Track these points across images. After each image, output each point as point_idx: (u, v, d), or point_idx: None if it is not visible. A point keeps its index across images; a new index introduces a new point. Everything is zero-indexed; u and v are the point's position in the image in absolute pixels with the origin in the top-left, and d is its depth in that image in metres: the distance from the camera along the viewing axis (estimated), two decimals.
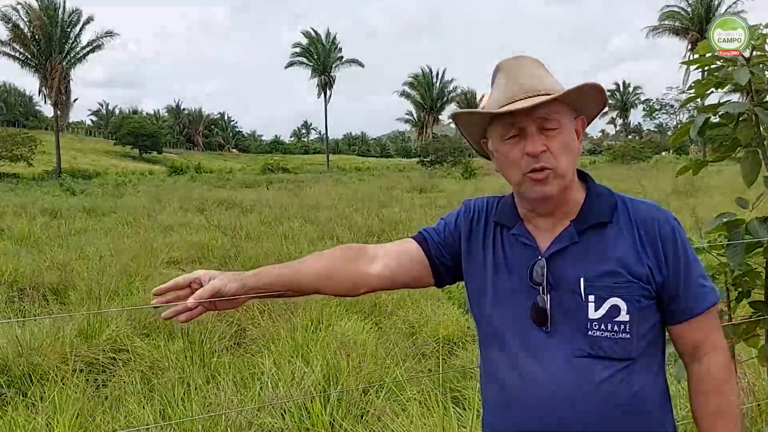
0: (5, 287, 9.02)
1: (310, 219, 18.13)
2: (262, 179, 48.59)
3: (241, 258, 11.19)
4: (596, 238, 1.66)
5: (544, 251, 1.68)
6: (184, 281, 1.72)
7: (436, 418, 3.99)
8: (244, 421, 4.48)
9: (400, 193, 29.11)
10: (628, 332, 1.59)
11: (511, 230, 1.76)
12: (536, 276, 1.66)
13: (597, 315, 1.60)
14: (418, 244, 1.89)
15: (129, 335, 6.53)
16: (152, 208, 22.84)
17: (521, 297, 1.68)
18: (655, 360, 1.67)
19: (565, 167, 1.64)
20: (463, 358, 5.92)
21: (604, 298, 1.60)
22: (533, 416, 1.61)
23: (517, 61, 1.72)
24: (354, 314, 7.22)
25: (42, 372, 5.55)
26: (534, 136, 1.62)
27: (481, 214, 1.87)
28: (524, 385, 1.63)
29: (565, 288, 1.63)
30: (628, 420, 1.59)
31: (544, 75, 1.69)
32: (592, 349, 1.59)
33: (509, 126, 1.65)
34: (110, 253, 11.93)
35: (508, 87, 1.67)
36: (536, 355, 1.63)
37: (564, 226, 1.69)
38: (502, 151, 1.69)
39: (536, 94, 1.62)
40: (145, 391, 5.22)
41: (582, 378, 1.58)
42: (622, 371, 1.59)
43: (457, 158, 63.47)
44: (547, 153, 1.61)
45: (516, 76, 1.67)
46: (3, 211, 21.04)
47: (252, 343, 6.58)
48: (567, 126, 1.66)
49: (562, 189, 1.65)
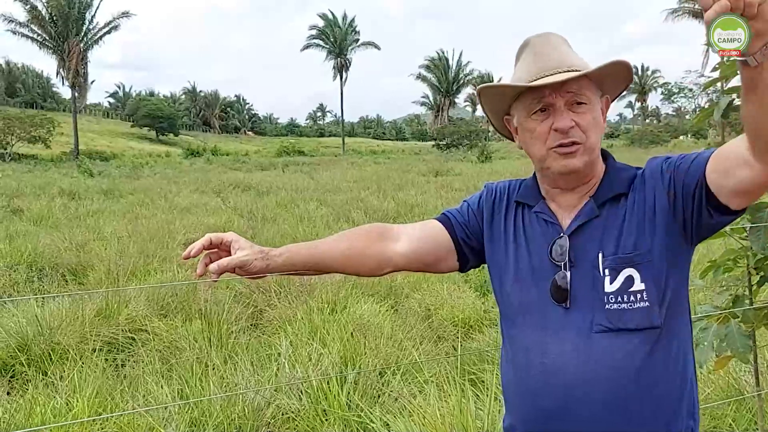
0: (25, 267, 9.09)
1: (326, 202, 18.16)
2: (277, 162, 48.73)
3: (258, 240, 11.19)
4: (613, 210, 1.65)
5: (566, 229, 1.67)
6: (216, 239, 1.76)
7: (454, 400, 3.98)
8: (261, 401, 4.50)
9: (415, 177, 29.08)
10: (646, 300, 1.57)
11: (533, 208, 1.75)
12: (555, 254, 1.66)
13: (612, 288, 1.58)
14: (443, 225, 1.88)
15: (147, 315, 6.57)
16: (169, 189, 22.94)
17: (542, 275, 1.67)
18: (676, 336, 1.64)
19: (594, 142, 1.63)
20: (479, 341, 5.92)
21: (618, 270, 1.58)
22: (555, 395, 1.61)
23: (545, 38, 1.69)
24: (370, 297, 7.22)
25: (61, 351, 5.59)
26: (563, 111, 1.60)
27: (503, 196, 1.86)
28: (544, 364, 1.63)
29: (586, 264, 1.62)
30: (652, 391, 1.57)
31: (570, 51, 1.67)
32: (611, 322, 1.58)
33: (537, 101, 1.63)
34: (128, 234, 12.00)
35: (537, 62, 1.64)
36: (557, 332, 1.62)
37: (584, 202, 1.68)
38: (529, 127, 1.67)
39: (566, 69, 1.60)
40: (163, 370, 5.25)
41: (603, 353, 1.57)
42: (644, 342, 1.57)
43: (473, 141, 63.33)
44: (576, 128, 1.60)
45: (544, 51, 1.65)
46: (22, 192, 21.20)
47: (268, 324, 6.60)
48: (595, 103, 1.64)
49: (587, 164, 1.64)
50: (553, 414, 1.62)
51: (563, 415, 1.60)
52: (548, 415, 1.62)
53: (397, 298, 7.51)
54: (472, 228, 1.87)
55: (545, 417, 1.63)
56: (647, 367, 1.57)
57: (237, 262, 1.71)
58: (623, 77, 1.68)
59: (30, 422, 4.24)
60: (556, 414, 1.61)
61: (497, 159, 47.55)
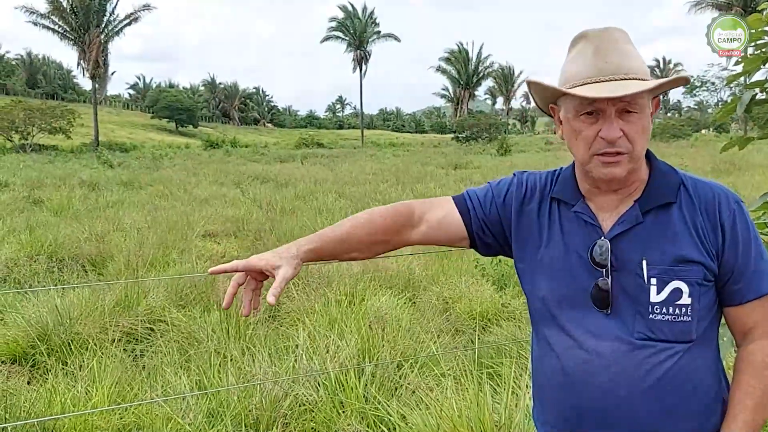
0: (45, 258, 9.16)
1: (345, 194, 18.17)
2: (296, 154, 48.81)
3: (276, 232, 11.23)
4: (660, 219, 1.61)
5: (607, 232, 1.64)
6: (243, 267, 1.70)
7: (471, 394, 3.97)
8: (279, 392, 4.51)
9: (434, 169, 29.03)
10: (689, 315, 1.57)
11: (573, 207, 1.70)
12: (596, 256, 1.62)
13: (659, 298, 1.56)
14: (461, 216, 1.85)
15: (166, 306, 6.60)
16: (188, 181, 23.06)
17: (580, 276, 1.64)
18: (712, 338, 1.66)
19: (640, 151, 1.59)
20: (497, 335, 5.90)
21: (666, 281, 1.56)
22: (592, 398, 1.60)
23: (606, 33, 1.60)
24: (388, 289, 7.21)
25: (81, 341, 5.63)
26: (612, 120, 1.55)
27: (534, 191, 1.80)
28: (585, 366, 1.61)
29: (628, 270, 1.59)
30: (687, 400, 1.58)
31: (631, 52, 1.59)
32: (652, 332, 1.57)
33: (588, 103, 1.56)
34: (147, 225, 12.06)
35: (594, 63, 1.57)
36: (596, 337, 1.61)
37: (628, 206, 1.64)
38: (575, 127, 1.61)
39: (623, 77, 1.54)
40: (181, 361, 5.27)
41: (640, 360, 1.56)
42: (681, 353, 1.57)
43: (492, 134, 63.19)
44: (623, 138, 1.54)
45: (602, 50, 1.58)
46: (42, 182, 21.37)
47: (287, 316, 6.61)
48: (646, 110, 1.59)
49: (631, 171, 1.60)
50: (590, 415, 1.62)
51: (601, 416, 1.60)
52: (585, 416, 1.63)
53: (415, 291, 7.50)
54: (491, 224, 1.84)
55: (582, 417, 1.63)
56: (685, 373, 1.58)
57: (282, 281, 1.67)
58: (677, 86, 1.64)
59: (50, 411, 4.27)
60: (594, 415, 1.61)
61: (516, 152, 47.41)
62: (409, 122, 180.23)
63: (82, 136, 62.12)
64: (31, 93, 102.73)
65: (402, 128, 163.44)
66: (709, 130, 71.13)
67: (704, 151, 33.70)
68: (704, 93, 64.46)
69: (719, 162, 22.70)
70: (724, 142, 3.32)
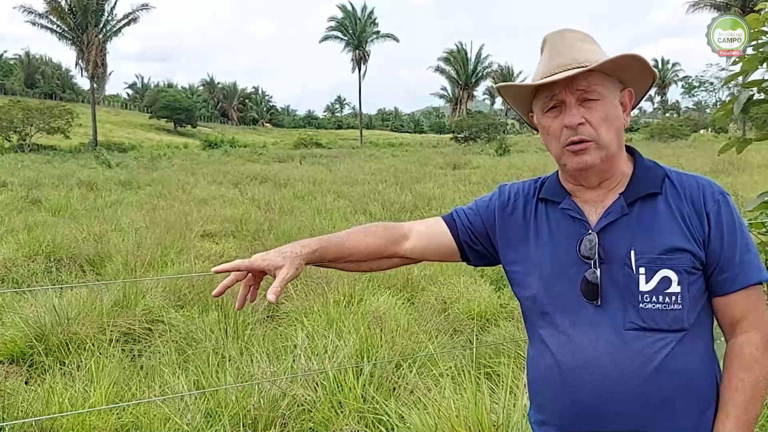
0: (43, 258, 9.16)
1: (343, 194, 18.18)
2: (295, 154, 48.82)
3: (275, 232, 11.23)
4: (646, 209, 1.66)
5: (594, 225, 1.68)
6: (245, 267, 1.71)
7: (469, 394, 3.97)
8: (277, 393, 4.51)
9: (433, 169, 29.06)
10: (680, 303, 1.59)
11: (560, 205, 1.75)
12: (584, 250, 1.66)
13: (648, 287, 1.59)
14: (448, 228, 1.92)
15: (164, 306, 6.60)
16: (187, 181, 23.06)
17: (570, 272, 1.67)
18: (705, 328, 1.67)
19: (607, 138, 1.63)
20: (495, 335, 5.90)
21: (654, 270, 1.59)
22: (589, 392, 1.61)
23: (561, 34, 1.71)
24: (386, 289, 7.21)
25: (79, 341, 5.63)
26: (572, 108, 1.63)
27: (518, 198, 1.87)
28: (577, 360, 1.63)
29: (616, 261, 1.63)
30: (682, 390, 1.59)
31: (586, 47, 1.68)
32: (644, 321, 1.59)
33: (549, 98, 1.66)
34: (145, 225, 12.05)
35: (550, 60, 1.67)
36: (588, 330, 1.63)
37: (613, 199, 1.69)
38: (544, 124, 1.70)
39: (575, 66, 1.61)
40: (179, 361, 5.27)
41: (635, 351, 1.58)
42: (674, 342, 1.58)
43: (491, 135, 63.21)
44: (585, 125, 1.61)
45: (557, 48, 1.68)
46: (41, 182, 21.36)
47: (285, 316, 6.61)
48: (609, 97, 1.65)
49: (603, 159, 1.64)
50: (588, 409, 1.63)
51: (599, 409, 1.61)
52: (584, 410, 1.63)
53: (414, 291, 7.51)
54: (478, 232, 1.90)
55: (580, 412, 1.64)
56: (679, 362, 1.59)
57: (283, 281, 1.66)
58: (639, 69, 1.67)
59: (47, 411, 4.27)
60: (592, 409, 1.62)
61: (515, 152, 47.41)
62: (407, 122, 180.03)
63: (80, 135, 62.06)
64: (29, 93, 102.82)
65: (401, 128, 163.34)
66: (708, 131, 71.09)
67: (703, 152, 33.68)
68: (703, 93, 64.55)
69: (718, 162, 22.70)
70: (723, 142, 3.32)
